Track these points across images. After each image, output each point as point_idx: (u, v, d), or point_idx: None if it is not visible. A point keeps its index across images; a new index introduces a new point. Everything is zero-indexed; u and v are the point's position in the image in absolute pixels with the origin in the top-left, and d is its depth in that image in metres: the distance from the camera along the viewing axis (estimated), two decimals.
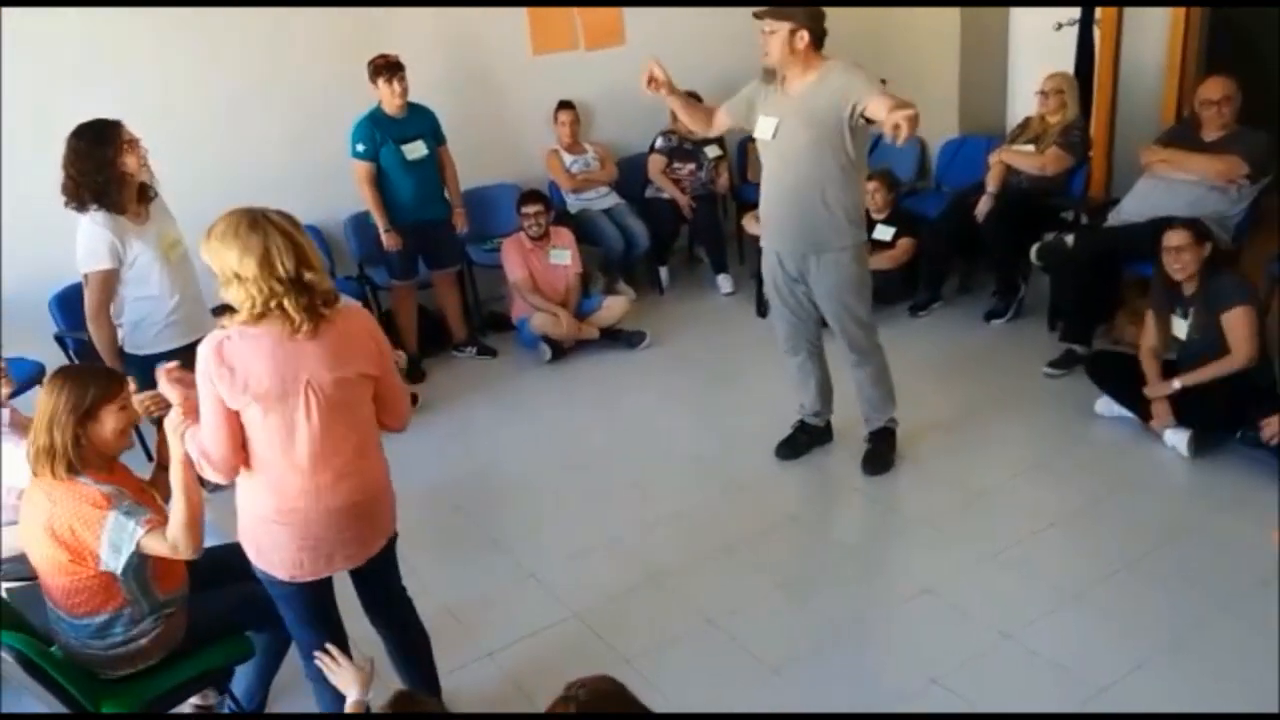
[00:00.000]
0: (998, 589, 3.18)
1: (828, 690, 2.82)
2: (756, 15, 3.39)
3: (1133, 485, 3.67)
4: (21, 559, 2.59)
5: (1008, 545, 3.38)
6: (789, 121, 3.41)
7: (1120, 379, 4.01)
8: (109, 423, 2.40)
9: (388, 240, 4.92)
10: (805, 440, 4.01)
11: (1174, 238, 3.76)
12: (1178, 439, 3.78)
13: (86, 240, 3.29)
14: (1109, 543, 3.34)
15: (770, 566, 3.39)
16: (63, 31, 4.58)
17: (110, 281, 3.33)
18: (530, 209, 5.20)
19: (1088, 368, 4.23)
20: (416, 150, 4.91)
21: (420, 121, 4.96)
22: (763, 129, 3.47)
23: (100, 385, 2.43)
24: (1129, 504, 3.55)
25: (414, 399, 4.72)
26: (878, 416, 3.87)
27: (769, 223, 3.67)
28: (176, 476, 2.31)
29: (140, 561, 2.38)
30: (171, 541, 2.31)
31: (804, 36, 3.30)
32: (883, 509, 3.72)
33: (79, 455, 2.36)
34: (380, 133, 4.83)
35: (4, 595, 2.60)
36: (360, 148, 4.83)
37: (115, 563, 2.34)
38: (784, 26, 3.30)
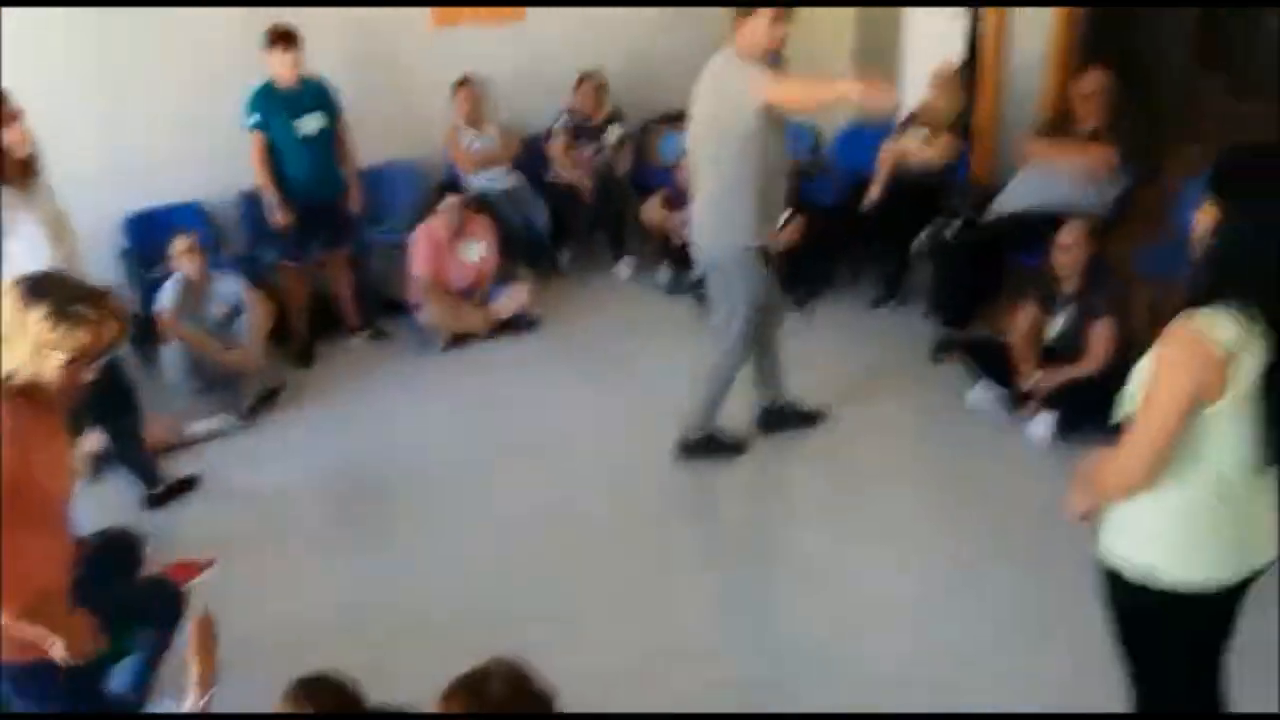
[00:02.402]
0: (871, 571, 3.31)
1: (710, 663, 2.91)
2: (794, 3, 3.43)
3: (1003, 465, 3.85)
4: None
5: (883, 529, 3.52)
6: None
7: (995, 363, 4.18)
8: None
9: (279, 216, 4.81)
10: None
11: (1068, 235, 3.92)
12: (1046, 421, 3.97)
13: None
14: (978, 521, 3.52)
15: (654, 550, 3.47)
16: None
17: None
18: (447, 200, 5.10)
19: (965, 353, 4.40)
20: (310, 124, 4.80)
21: (314, 94, 4.84)
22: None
23: None
24: (999, 483, 3.73)
25: (274, 392, 4.63)
26: None
27: (777, 211, 3.75)
28: None
29: None
30: None
31: None
32: (765, 489, 3.83)
33: None
34: (272, 104, 4.70)
35: None
36: (254, 119, 4.69)
37: None
38: None
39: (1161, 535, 1.93)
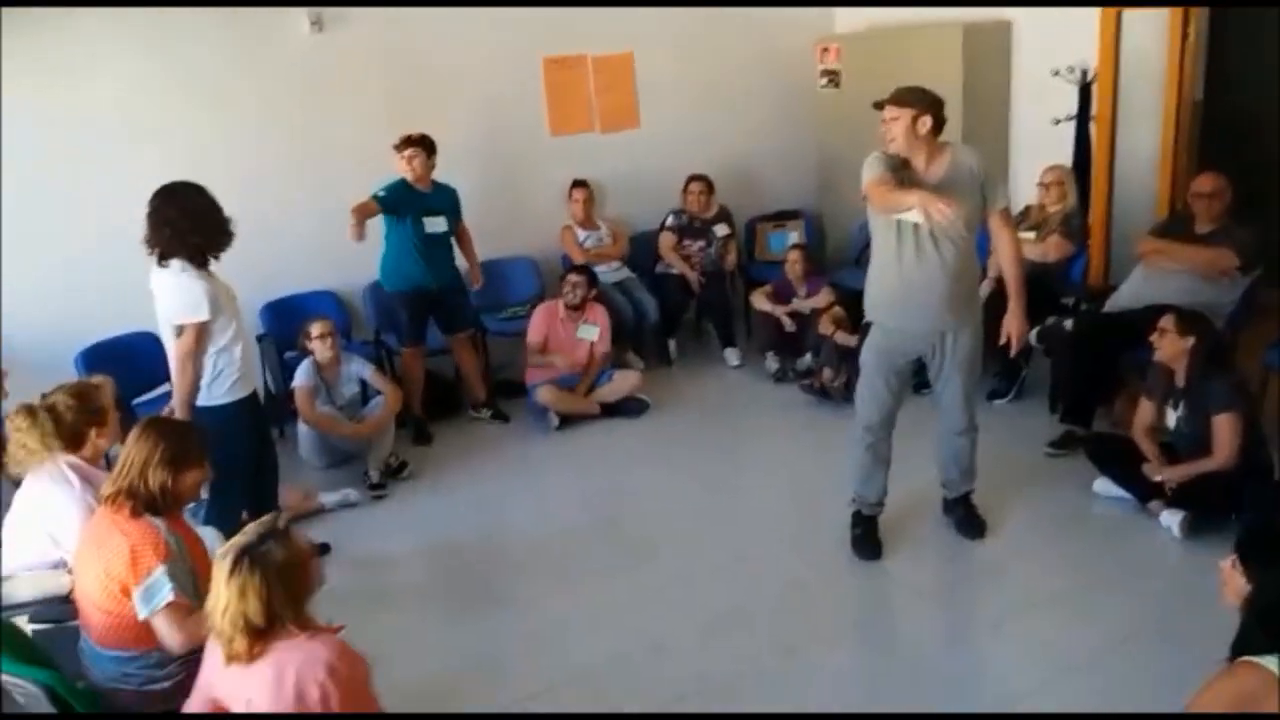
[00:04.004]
0: (997, 658, 3.25)
1: None
2: (876, 105, 3.52)
3: (1130, 562, 3.74)
4: (50, 602, 2.67)
5: (1008, 617, 3.45)
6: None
7: (1118, 460, 4.10)
8: (191, 479, 2.65)
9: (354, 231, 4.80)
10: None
11: (1163, 321, 3.91)
12: (1173, 520, 3.86)
13: (186, 293, 3.40)
14: (1105, 616, 3.40)
15: (769, 632, 3.45)
16: (105, 101, 4.92)
17: (206, 332, 3.44)
18: (574, 277, 5.41)
19: (1087, 449, 4.32)
20: (436, 225, 5.11)
21: (442, 198, 5.17)
22: (917, 213, 3.39)
23: (195, 445, 2.68)
24: (1126, 580, 3.62)
25: (400, 467, 4.80)
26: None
27: (903, 303, 3.62)
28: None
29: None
30: (171, 631, 2.45)
31: (926, 122, 3.44)
32: (887, 580, 3.77)
33: (162, 501, 2.55)
34: (406, 198, 5.01)
35: (30, 635, 2.67)
36: (380, 194, 4.90)
37: (141, 610, 2.44)
38: (907, 113, 3.44)
39: None
